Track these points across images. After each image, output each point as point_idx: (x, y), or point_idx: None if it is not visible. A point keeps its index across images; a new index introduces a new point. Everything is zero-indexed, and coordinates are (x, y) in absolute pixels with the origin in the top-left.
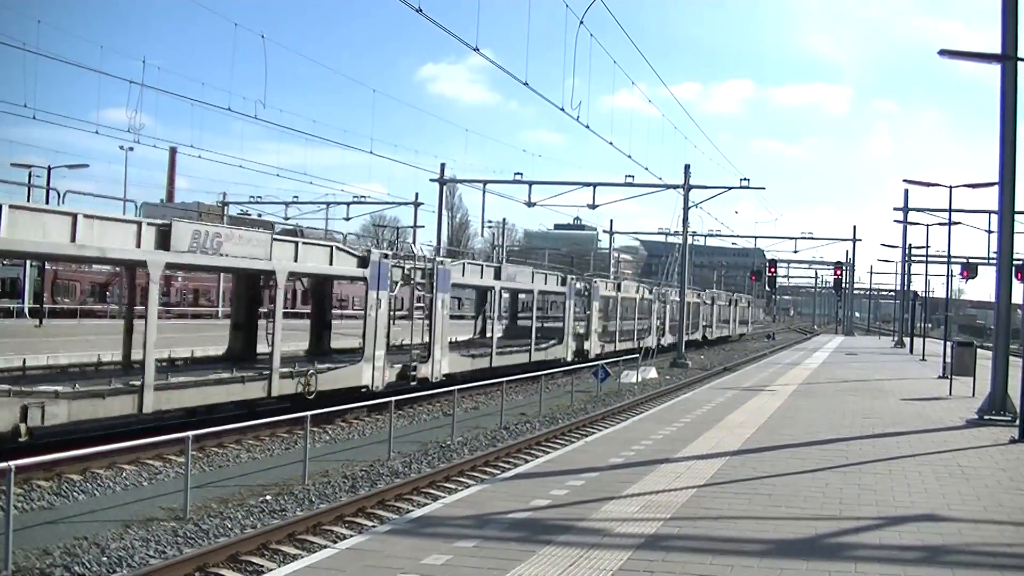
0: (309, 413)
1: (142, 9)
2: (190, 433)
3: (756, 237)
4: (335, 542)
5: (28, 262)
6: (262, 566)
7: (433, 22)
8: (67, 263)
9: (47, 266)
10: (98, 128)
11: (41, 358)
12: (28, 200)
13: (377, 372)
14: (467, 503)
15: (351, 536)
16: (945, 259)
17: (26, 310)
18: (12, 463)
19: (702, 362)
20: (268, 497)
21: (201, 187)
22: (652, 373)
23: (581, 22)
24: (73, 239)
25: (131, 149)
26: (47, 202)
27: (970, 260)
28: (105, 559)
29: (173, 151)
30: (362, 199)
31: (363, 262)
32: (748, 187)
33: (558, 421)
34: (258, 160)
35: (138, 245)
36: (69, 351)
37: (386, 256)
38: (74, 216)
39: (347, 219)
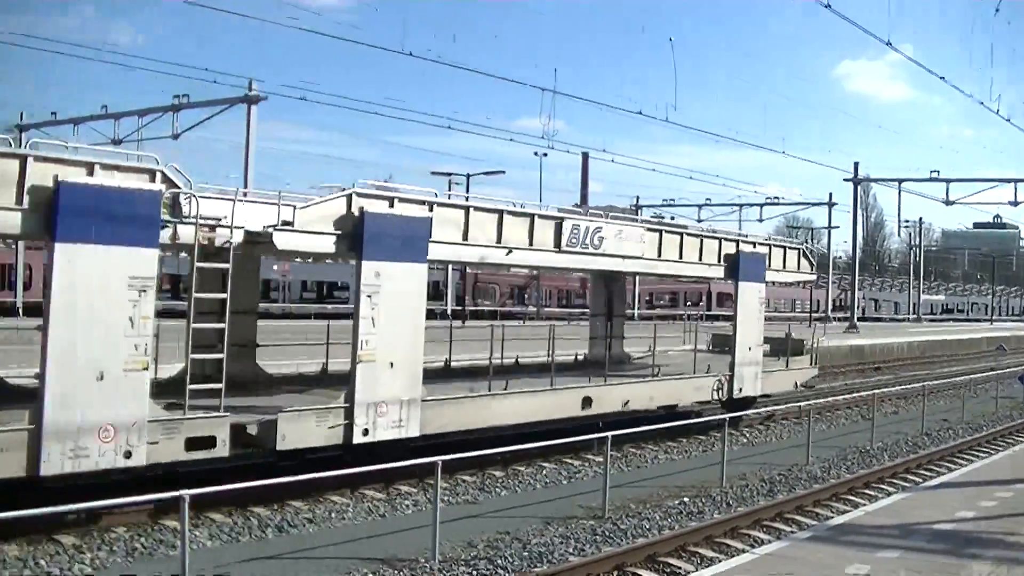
0: (727, 415)
1: (551, 22)
2: (609, 434)
3: None
4: (753, 547)
5: (450, 267)
6: (679, 568)
7: (842, 16)
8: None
9: (467, 270)
10: (512, 136)
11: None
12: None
13: None
14: (888, 512)
15: (770, 541)
16: None
17: (449, 311)
18: (438, 459)
19: None
20: (685, 499)
21: (613, 191)
22: None
23: (997, 10)
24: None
25: (545, 155)
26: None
27: None
28: (526, 554)
29: (585, 156)
30: (775, 200)
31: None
32: None
33: (982, 428)
34: (669, 163)
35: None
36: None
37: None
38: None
39: (760, 220)
